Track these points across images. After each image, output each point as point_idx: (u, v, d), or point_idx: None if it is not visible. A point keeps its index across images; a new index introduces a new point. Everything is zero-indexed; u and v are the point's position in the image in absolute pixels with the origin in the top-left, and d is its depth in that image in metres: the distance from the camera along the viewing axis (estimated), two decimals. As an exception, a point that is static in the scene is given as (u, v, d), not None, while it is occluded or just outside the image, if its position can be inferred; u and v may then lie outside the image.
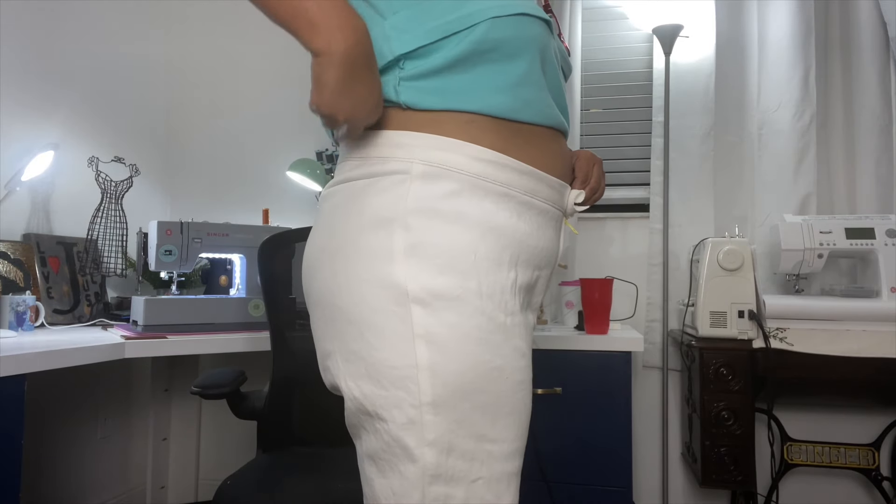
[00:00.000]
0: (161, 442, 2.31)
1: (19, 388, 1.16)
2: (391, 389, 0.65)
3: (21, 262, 1.80)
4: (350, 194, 0.71)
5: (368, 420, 0.68)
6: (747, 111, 2.19)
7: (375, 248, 0.67)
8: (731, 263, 1.78)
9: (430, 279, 0.66)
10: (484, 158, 0.70)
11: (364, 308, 0.67)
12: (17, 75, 1.90)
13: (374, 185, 0.69)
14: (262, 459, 1.54)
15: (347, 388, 0.69)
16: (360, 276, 0.67)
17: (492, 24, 0.71)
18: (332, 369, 0.71)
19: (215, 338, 1.66)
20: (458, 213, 0.68)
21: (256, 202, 2.36)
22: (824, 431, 2.03)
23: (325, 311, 0.72)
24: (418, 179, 0.68)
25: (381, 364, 0.66)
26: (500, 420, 0.69)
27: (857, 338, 1.71)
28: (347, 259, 0.69)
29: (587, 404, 1.73)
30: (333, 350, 0.71)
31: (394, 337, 0.65)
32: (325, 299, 0.71)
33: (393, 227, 0.67)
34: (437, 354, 0.65)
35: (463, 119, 0.70)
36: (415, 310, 0.65)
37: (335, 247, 0.71)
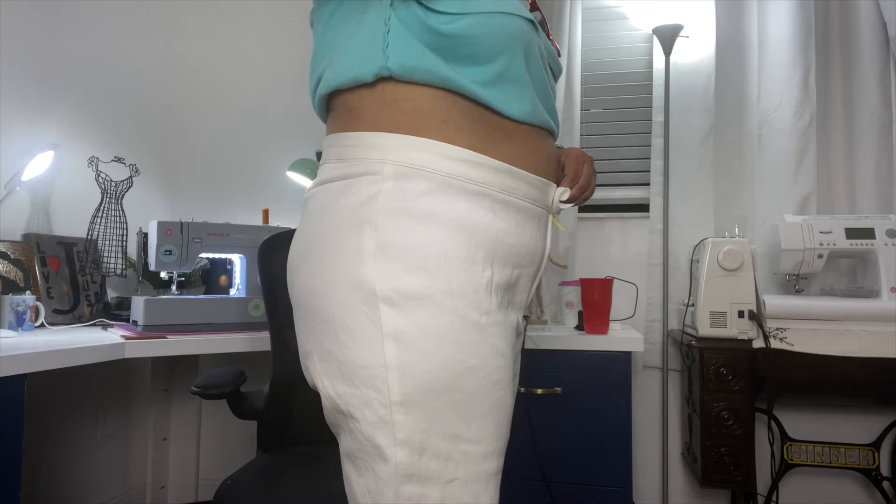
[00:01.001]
0: (161, 442, 2.31)
1: (19, 388, 1.16)
2: (362, 388, 0.66)
3: (21, 262, 1.80)
4: (327, 196, 0.73)
5: (343, 419, 0.69)
6: (747, 111, 2.19)
7: (347, 249, 0.68)
8: (731, 263, 1.78)
9: (399, 279, 0.66)
10: (457, 157, 0.70)
11: (337, 308, 0.68)
12: (17, 75, 1.89)
13: (350, 187, 0.71)
14: (262, 459, 1.54)
15: (323, 386, 0.71)
16: (334, 277, 0.69)
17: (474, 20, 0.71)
18: (310, 369, 0.73)
19: (215, 338, 1.66)
20: (429, 213, 0.68)
21: (256, 202, 2.36)
22: (824, 431, 2.03)
23: (303, 311, 0.74)
24: (390, 179, 0.69)
25: (352, 363, 0.67)
26: (475, 420, 0.68)
27: (857, 338, 1.71)
28: (323, 260, 0.71)
29: (587, 404, 1.73)
30: (311, 350, 0.72)
31: (363, 336, 0.66)
32: (303, 299, 0.73)
33: (364, 227, 0.68)
34: (407, 354, 0.65)
35: (440, 118, 0.71)
36: (383, 309, 0.65)
37: (313, 247, 0.73)
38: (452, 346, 0.66)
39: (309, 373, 0.74)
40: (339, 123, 0.77)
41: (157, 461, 2.30)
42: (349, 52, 0.74)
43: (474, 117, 0.72)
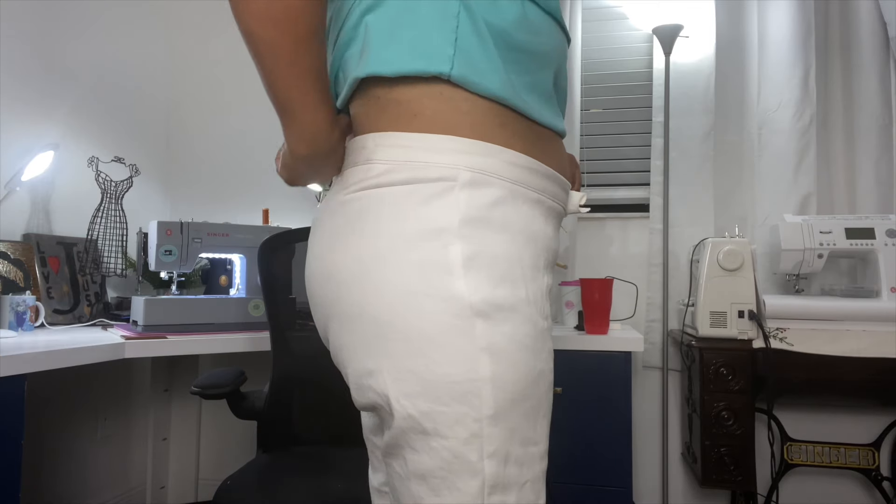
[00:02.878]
0: (161, 442, 2.32)
1: (19, 388, 1.16)
2: (452, 405, 0.64)
3: (21, 262, 1.80)
4: (387, 201, 0.67)
5: (422, 438, 0.65)
6: (747, 111, 2.19)
7: (431, 260, 0.64)
8: (731, 263, 1.78)
9: (490, 291, 0.65)
10: (521, 164, 0.70)
11: (423, 323, 0.64)
12: (18, 75, 1.89)
13: (418, 193, 0.66)
14: (262, 459, 1.54)
15: (400, 406, 0.65)
16: (416, 290, 0.64)
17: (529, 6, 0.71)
18: (375, 388, 0.66)
19: (215, 338, 1.66)
20: (504, 222, 0.67)
21: (256, 202, 2.36)
22: (824, 431, 2.03)
23: (367, 326, 0.66)
24: (466, 187, 0.66)
25: (442, 380, 0.64)
26: (539, 422, 0.69)
27: (857, 338, 1.71)
28: (397, 271, 0.65)
29: (587, 404, 1.73)
30: (379, 368, 0.66)
31: (456, 351, 0.64)
32: (367, 314, 0.66)
33: (447, 237, 0.65)
34: (498, 366, 0.64)
35: (497, 121, 0.69)
36: (478, 323, 0.64)
37: (376, 257, 0.66)
38: (531, 354, 0.67)
39: (372, 392, 0.67)
40: (387, 118, 0.69)
41: (157, 461, 2.30)
42: (406, 39, 0.68)
43: (522, 121, 0.71)
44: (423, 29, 0.67)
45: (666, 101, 2.18)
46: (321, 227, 0.73)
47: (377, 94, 0.69)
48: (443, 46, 0.66)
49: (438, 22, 0.67)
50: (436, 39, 0.67)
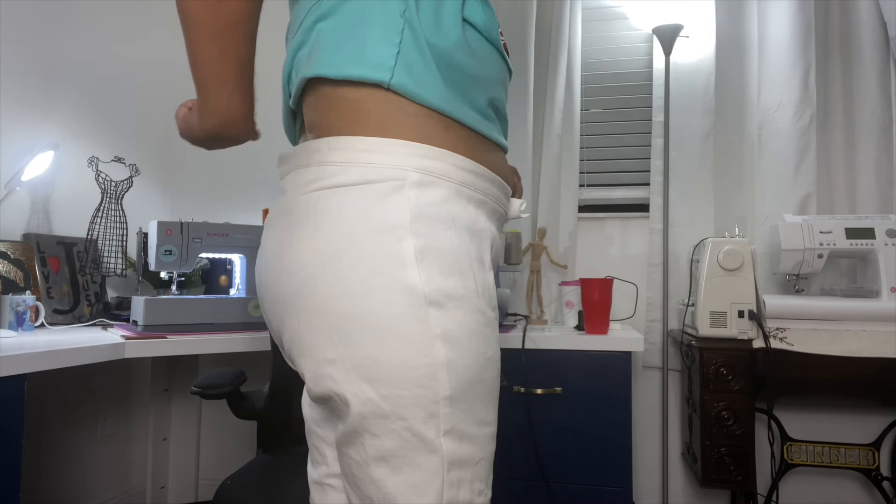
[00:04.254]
0: (161, 442, 2.31)
1: (19, 388, 1.16)
2: (411, 388, 0.68)
3: (21, 262, 1.80)
4: (343, 200, 0.71)
5: (382, 422, 0.69)
6: (747, 111, 2.19)
7: (386, 254, 0.69)
8: (731, 263, 1.78)
9: (442, 281, 0.70)
10: (465, 168, 0.75)
11: (382, 313, 0.68)
12: (17, 75, 1.90)
13: (371, 192, 0.71)
14: (262, 459, 1.54)
15: (359, 392, 0.69)
16: (375, 282, 0.69)
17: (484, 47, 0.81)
18: (335, 376, 0.70)
19: (215, 338, 1.66)
20: (451, 219, 0.73)
21: (256, 202, 2.36)
22: (824, 431, 2.03)
23: (328, 318, 0.70)
24: (415, 187, 0.71)
25: (401, 366, 0.68)
26: (491, 404, 0.75)
27: (857, 338, 1.71)
28: (356, 265, 0.69)
29: (587, 404, 1.73)
30: (340, 357, 0.70)
31: (413, 339, 0.68)
32: (329, 307, 0.70)
33: (400, 232, 0.69)
34: (452, 351, 0.69)
35: (440, 125, 0.74)
36: (431, 311, 0.69)
37: (336, 252, 0.70)
38: (481, 340, 0.73)
39: (330, 380, 0.71)
40: (336, 114, 0.74)
41: (157, 461, 2.30)
42: (353, 47, 0.74)
43: (463, 129, 0.77)
44: (370, 40, 0.73)
45: (666, 101, 2.18)
46: (276, 224, 0.78)
47: (326, 93, 0.76)
48: (385, 57, 0.72)
49: (383, 35, 0.73)
50: (380, 50, 0.72)
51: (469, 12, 0.78)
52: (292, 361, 0.77)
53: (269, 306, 0.78)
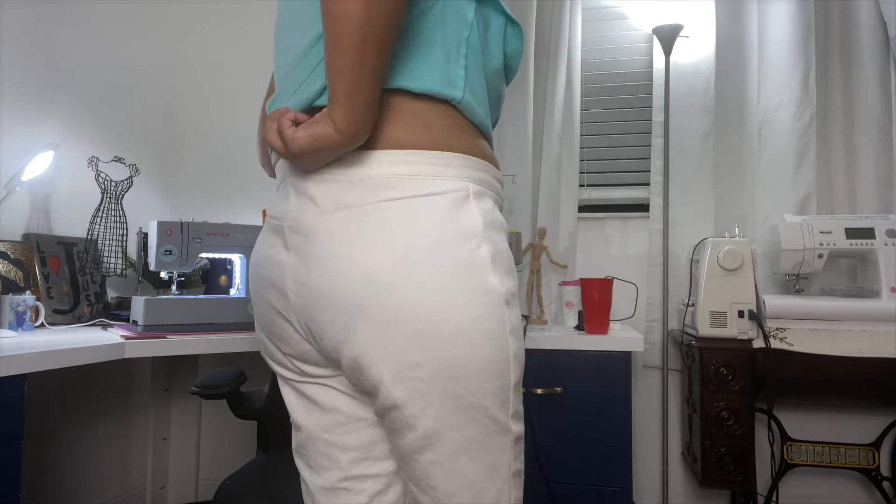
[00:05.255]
0: (161, 442, 2.31)
1: (19, 388, 1.16)
2: (492, 380, 0.75)
3: (21, 262, 1.80)
4: (418, 210, 0.74)
5: (464, 414, 0.74)
6: (747, 111, 2.19)
7: (469, 260, 0.74)
8: (731, 263, 1.78)
9: (509, 282, 0.78)
10: (497, 178, 0.84)
11: (469, 315, 0.74)
12: (17, 75, 1.90)
13: (444, 201, 0.75)
14: (262, 459, 1.54)
15: (449, 389, 0.73)
16: (461, 287, 0.73)
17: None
18: (422, 377, 0.73)
19: (215, 338, 1.66)
20: (500, 224, 0.80)
21: (256, 202, 2.36)
22: (824, 431, 2.03)
23: (414, 324, 0.73)
24: (475, 197, 0.77)
25: (485, 360, 0.75)
26: (521, 389, 0.82)
27: (857, 338, 1.71)
28: (441, 272, 0.73)
29: (587, 404, 1.73)
30: (425, 360, 0.73)
31: (494, 336, 0.75)
32: (416, 313, 0.73)
33: (476, 240, 0.75)
34: (516, 343, 0.78)
35: (482, 142, 0.82)
36: (505, 310, 0.76)
37: (419, 261, 0.73)
38: (522, 332, 0.82)
39: (417, 382, 0.73)
40: (400, 124, 0.76)
41: (157, 461, 2.30)
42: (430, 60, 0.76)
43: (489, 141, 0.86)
44: (443, 59, 0.76)
45: (666, 101, 2.18)
46: (344, 231, 0.75)
47: (391, 102, 0.76)
48: (458, 77, 0.77)
49: (454, 55, 0.77)
50: (454, 69, 0.77)
51: (508, 38, 0.85)
52: (360, 368, 0.75)
53: (328, 314, 0.75)
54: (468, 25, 0.78)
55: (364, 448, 0.85)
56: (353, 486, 0.85)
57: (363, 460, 0.85)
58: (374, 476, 0.85)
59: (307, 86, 0.78)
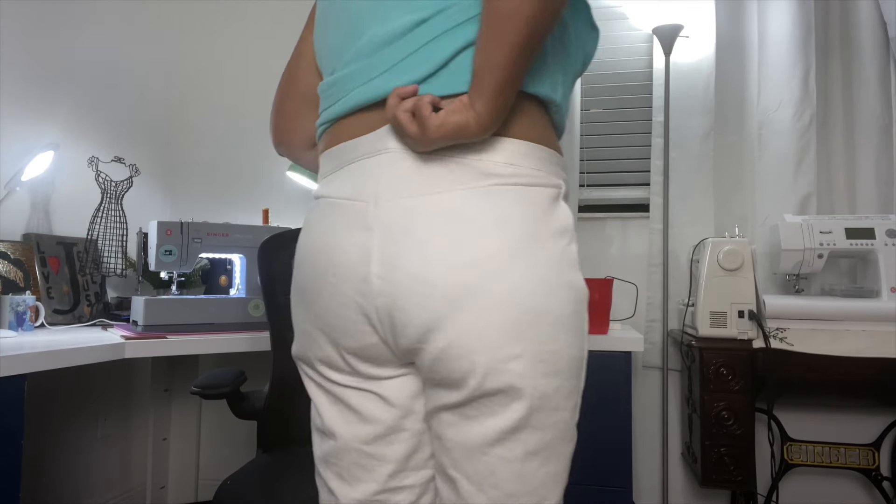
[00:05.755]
0: (161, 442, 2.31)
1: (19, 388, 1.16)
2: (572, 380, 0.75)
3: (21, 262, 1.80)
4: (527, 198, 0.74)
5: (548, 415, 0.73)
6: (747, 111, 2.19)
7: (563, 255, 0.75)
8: (731, 263, 1.78)
9: (584, 282, 0.78)
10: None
11: (563, 310, 0.73)
12: (18, 75, 1.90)
13: (546, 195, 0.75)
14: (262, 459, 1.54)
15: (539, 385, 0.72)
16: (557, 280, 0.73)
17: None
18: (517, 370, 0.71)
19: (215, 338, 1.66)
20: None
21: (256, 202, 2.36)
22: (824, 431, 2.03)
23: (514, 313, 0.71)
24: (563, 196, 0.79)
25: (571, 359, 0.75)
26: None
27: (857, 338, 1.71)
28: (541, 263, 0.73)
29: (587, 404, 1.69)
30: (523, 352, 0.71)
31: (578, 333, 0.75)
32: (517, 302, 0.71)
33: (568, 236, 0.77)
34: (588, 344, 0.78)
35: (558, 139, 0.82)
36: (584, 309, 0.77)
37: (520, 249, 0.72)
38: None
39: (512, 375, 0.71)
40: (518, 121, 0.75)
41: (157, 461, 2.30)
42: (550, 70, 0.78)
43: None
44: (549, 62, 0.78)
45: (666, 101, 2.18)
46: (448, 213, 0.72)
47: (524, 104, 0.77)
48: (556, 83, 0.79)
49: (553, 61, 0.78)
50: (556, 74, 0.78)
51: (588, 42, 0.85)
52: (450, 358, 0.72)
53: (421, 300, 0.71)
54: (564, 28, 0.79)
55: (403, 459, 0.81)
56: (388, 499, 0.81)
57: (401, 472, 0.81)
58: (410, 487, 0.82)
59: (406, 67, 0.74)
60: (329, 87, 0.82)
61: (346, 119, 0.79)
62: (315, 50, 0.91)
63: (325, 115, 0.83)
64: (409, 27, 0.74)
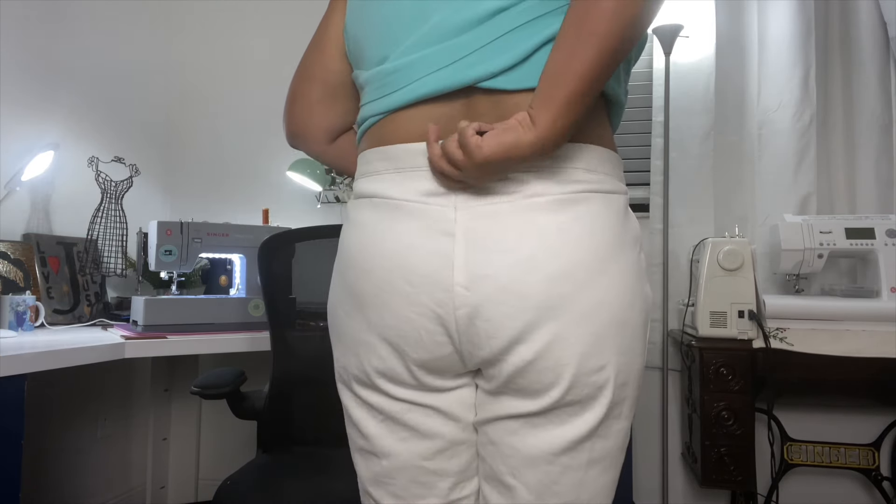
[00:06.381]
0: (161, 442, 2.32)
1: (19, 388, 1.16)
2: (636, 390, 0.75)
3: (21, 262, 1.80)
4: (608, 206, 0.72)
5: (611, 424, 0.73)
6: (747, 111, 2.19)
7: (637, 265, 0.74)
8: (731, 263, 1.78)
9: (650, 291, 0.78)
10: None
11: (639, 321, 0.73)
12: (18, 75, 1.89)
13: (620, 202, 0.74)
14: (262, 459, 1.54)
15: (615, 395, 0.71)
16: (636, 291, 0.72)
17: None
18: (598, 382, 0.70)
19: (215, 338, 1.66)
20: None
21: (256, 202, 2.36)
22: (824, 431, 2.03)
23: (602, 323, 0.69)
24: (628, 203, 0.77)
25: (639, 370, 0.75)
26: None
27: (857, 338, 1.71)
28: (625, 273, 0.72)
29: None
30: (607, 363, 0.70)
31: (644, 345, 0.76)
32: (604, 313, 0.69)
33: (639, 246, 0.75)
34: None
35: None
36: (649, 319, 0.77)
37: (607, 258, 0.70)
38: None
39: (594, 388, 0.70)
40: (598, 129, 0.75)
41: (157, 461, 2.30)
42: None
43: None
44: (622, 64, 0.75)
45: (666, 101, 2.18)
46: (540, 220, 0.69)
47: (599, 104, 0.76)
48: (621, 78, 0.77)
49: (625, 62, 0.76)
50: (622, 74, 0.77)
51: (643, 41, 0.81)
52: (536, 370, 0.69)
53: (510, 310, 0.68)
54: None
55: (462, 471, 0.78)
56: None
57: (460, 483, 0.78)
58: (467, 497, 0.79)
59: (482, 57, 0.69)
60: (386, 75, 0.75)
61: (405, 111, 0.73)
62: (348, 37, 0.83)
63: (377, 106, 0.76)
64: (488, 15, 0.69)
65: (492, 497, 0.76)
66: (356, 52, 0.82)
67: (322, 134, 0.90)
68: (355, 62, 0.83)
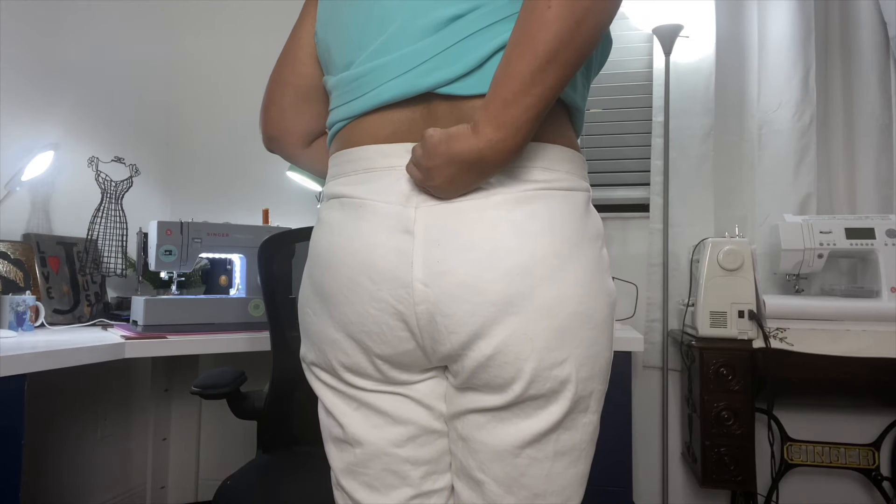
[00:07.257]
0: (161, 442, 2.32)
1: (19, 388, 1.16)
2: (603, 384, 0.76)
3: (21, 262, 1.80)
4: (566, 202, 0.73)
5: (580, 416, 0.74)
6: (747, 111, 2.19)
7: (598, 260, 0.75)
8: (731, 263, 1.78)
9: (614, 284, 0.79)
10: None
11: (601, 314, 0.74)
12: (18, 75, 1.90)
13: (580, 199, 0.75)
14: (262, 459, 1.54)
15: (578, 389, 0.73)
16: (596, 285, 0.73)
17: None
18: (561, 376, 0.71)
19: (215, 338, 1.66)
20: None
21: (256, 202, 2.37)
22: (824, 431, 2.03)
23: (561, 318, 0.70)
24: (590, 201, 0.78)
25: (605, 362, 0.76)
26: None
27: (857, 338, 1.71)
28: (585, 269, 0.72)
29: (587, 404, 1.72)
30: (568, 357, 0.71)
31: (610, 337, 0.77)
32: (564, 307, 0.70)
33: (600, 241, 0.76)
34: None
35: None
36: (614, 312, 0.77)
37: (567, 254, 0.71)
38: None
39: (553, 381, 0.71)
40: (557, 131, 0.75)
41: (157, 461, 2.30)
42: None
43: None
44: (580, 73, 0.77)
45: (666, 101, 2.18)
46: (496, 217, 0.70)
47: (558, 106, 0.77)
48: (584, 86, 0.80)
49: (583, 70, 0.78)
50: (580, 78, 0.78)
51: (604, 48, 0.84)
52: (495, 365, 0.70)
53: (469, 306, 0.69)
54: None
55: (434, 461, 0.79)
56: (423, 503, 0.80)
57: (432, 474, 0.79)
58: (440, 490, 0.80)
59: (440, 63, 0.71)
60: (350, 81, 0.77)
61: (369, 116, 0.75)
62: (318, 41, 0.85)
63: (344, 111, 0.78)
64: (444, 22, 0.71)
65: (463, 493, 0.78)
66: (325, 57, 0.84)
67: (296, 137, 0.92)
68: (325, 67, 0.85)
